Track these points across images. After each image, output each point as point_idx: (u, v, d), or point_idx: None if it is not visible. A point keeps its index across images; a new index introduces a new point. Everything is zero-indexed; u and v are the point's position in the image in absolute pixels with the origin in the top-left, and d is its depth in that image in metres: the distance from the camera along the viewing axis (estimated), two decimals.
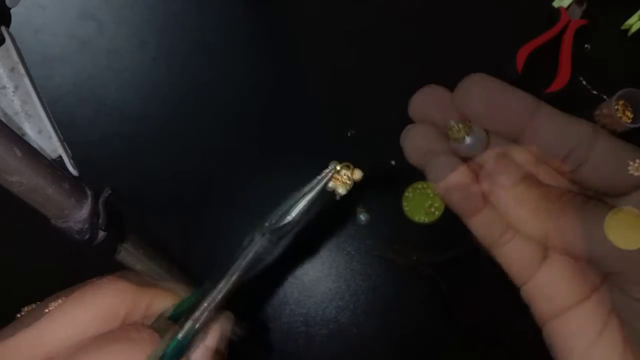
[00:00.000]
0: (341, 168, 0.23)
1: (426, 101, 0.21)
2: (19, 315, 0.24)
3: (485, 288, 0.60)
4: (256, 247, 0.23)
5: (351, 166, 0.23)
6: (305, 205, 0.22)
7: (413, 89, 0.21)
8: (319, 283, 0.67)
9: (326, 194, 0.23)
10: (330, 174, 0.23)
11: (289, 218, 0.22)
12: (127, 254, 0.43)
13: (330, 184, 0.23)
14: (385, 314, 0.67)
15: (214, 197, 0.70)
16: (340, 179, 0.23)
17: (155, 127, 0.72)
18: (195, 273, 0.55)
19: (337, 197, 0.23)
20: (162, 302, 0.24)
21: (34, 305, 0.24)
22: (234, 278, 0.22)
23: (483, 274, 0.64)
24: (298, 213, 0.22)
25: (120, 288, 0.22)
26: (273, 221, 0.23)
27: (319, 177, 0.23)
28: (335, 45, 0.75)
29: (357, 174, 0.23)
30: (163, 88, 0.74)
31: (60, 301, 0.22)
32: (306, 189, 0.23)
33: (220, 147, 0.72)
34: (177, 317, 0.24)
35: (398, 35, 0.75)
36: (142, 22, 0.76)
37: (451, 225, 0.68)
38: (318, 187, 0.22)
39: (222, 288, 0.22)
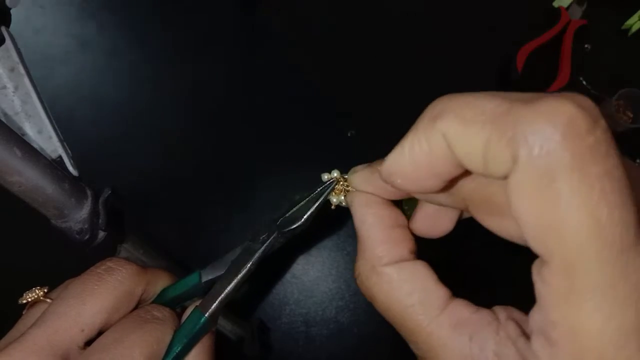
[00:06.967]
0: (341, 178, 0.23)
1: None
2: (23, 301, 0.24)
3: (485, 288, 0.60)
4: (273, 243, 0.23)
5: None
6: (314, 211, 0.23)
7: (413, 88, 0.21)
8: (319, 283, 0.67)
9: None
10: (335, 184, 0.23)
11: (300, 222, 0.23)
12: (127, 254, 0.43)
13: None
14: None
15: (214, 197, 0.70)
16: (338, 188, 0.23)
17: (155, 127, 0.72)
18: None
19: (332, 206, 0.23)
20: (162, 281, 0.25)
21: (37, 290, 0.24)
22: (252, 269, 0.23)
23: (483, 274, 0.64)
24: (308, 217, 0.23)
25: (133, 269, 0.24)
26: (283, 221, 0.23)
27: (325, 184, 0.23)
28: (335, 45, 0.75)
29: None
30: (163, 88, 0.74)
31: (78, 285, 0.22)
32: (313, 194, 0.23)
33: (220, 147, 0.72)
34: (176, 297, 0.25)
35: (398, 36, 0.75)
36: (142, 22, 0.76)
37: None
38: (325, 194, 0.23)
39: (243, 278, 0.23)
